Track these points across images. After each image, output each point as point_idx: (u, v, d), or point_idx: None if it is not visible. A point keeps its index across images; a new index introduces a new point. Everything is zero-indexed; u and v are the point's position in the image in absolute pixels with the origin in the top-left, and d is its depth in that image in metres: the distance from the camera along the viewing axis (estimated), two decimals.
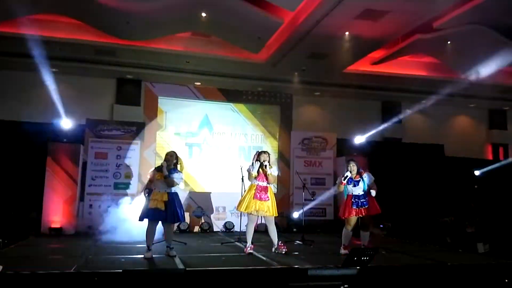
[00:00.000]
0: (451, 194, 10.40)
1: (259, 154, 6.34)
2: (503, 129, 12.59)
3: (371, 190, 6.42)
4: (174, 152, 6.08)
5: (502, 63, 9.70)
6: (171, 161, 5.94)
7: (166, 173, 5.82)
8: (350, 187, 6.40)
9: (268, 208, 6.18)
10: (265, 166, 6.17)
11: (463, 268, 5.57)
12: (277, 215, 6.35)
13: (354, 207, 6.33)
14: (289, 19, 7.66)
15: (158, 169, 5.98)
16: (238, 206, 6.32)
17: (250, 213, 6.18)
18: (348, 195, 6.42)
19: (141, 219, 5.89)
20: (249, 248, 6.23)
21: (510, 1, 6.78)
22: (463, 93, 10.95)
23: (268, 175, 6.18)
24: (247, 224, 6.43)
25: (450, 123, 12.39)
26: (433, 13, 7.06)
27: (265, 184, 6.24)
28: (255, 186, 6.22)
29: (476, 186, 10.90)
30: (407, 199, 10.14)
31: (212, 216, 9.77)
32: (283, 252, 6.23)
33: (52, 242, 7.33)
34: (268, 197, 6.22)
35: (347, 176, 6.38)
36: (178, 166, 6.02)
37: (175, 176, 5.87)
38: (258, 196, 6.16)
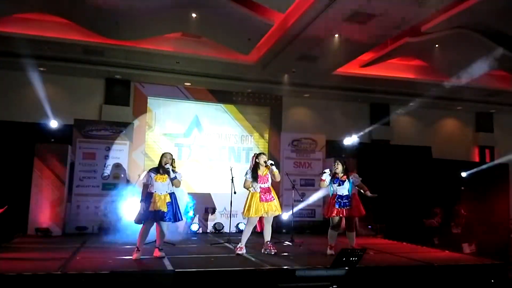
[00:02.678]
0: (438, 195, 10.51)
1: (257, 156, 6.35)
2: (489, 131, 12.77)
3: (367, 192, 6.47)
4: (170, 154, 6.09)
5: (488, 67, 9.87)
6: (170, 162, 5.94)
7: (174, 175, 5.85)
8: (335, 186, 6.41)
9: (276, 207, 6.23)
10: (271, 164, 6.21)
11: (450, 269, 5.64)
12: (281, 212, 6.46)
13: (337, 206, 6.34)
14: (279, 21, 7.69)
15: (155, 170, 5.92)
16: (245, 212, 6.19)
17: (262, 216, 6.20)
18: (332, 194, 6.44)
19: (139, 222, 5.81)
20: (239, 249, 6.22)
21: (495, 6, 6.90)
22: (450, 96, 11.10)
23: (275, 173, 6.22)
24: (246, 225, 6.34)
25: (437, 126, 12.54)
26: (421, 17, 7.14)
27: (266, 185, 6.25)
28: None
29: (463, 188, 11.03)
30: (395, 201, 10.22)
31: (201, 217, 9.74)
32: (272, 253, 6.24)
33: (39, 243, 7.25)
34: (273, 196, 6.25)
35: (325, 172, 6.41)
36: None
37: (177, 176, 5.92)
38: (264, 198, 6.17)
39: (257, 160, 6.30)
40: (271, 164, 6.21)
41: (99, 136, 9.29)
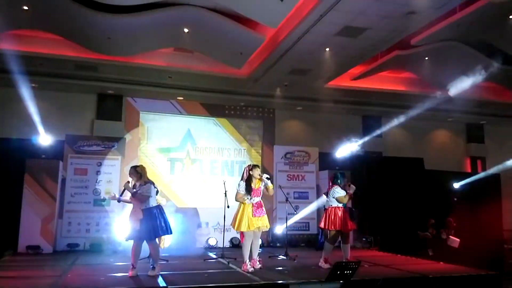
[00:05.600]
0: (431, 207, 10.53)
1: (252, 168, 6.10)
2: (480, 142, 12.90)
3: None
4: (132, 168, 5.88)
5: (478, 78, 10.00)
6: (135, 176, 5.75)
7: (133, 190, 5.63)
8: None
9: (266, 223, 6.04)
10: (267, 178, 5.99)
11: (445, 280, 5.63)
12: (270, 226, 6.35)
13: (353, 220, 6.50)
14: (271, 36, 7.76)
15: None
16: (236, 226, 5.95)
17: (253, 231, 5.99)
18: (347, 207, 6.57)
19: (128, 238, 5.74)
20: (248, 265, 5.93)
21: (483, 18, 7.03)
22: (441, 108, 11.20)
23: (269, 187, 6.03)
24: (244, 241, 6.05)
25: (429, 137, 12.64)
26: (411, 30, 7.25)
27: (259, 199, 6.04)
28: (251, 203, 6.00)
29: (455, 199, 11.05)
30: (389, 212, 10.22)
31: (195, 232, 9.65)
32: (257, 268, 6.07)
33: (29, 261, 7.13)
34: (264, 211, 6.05)
35: (354, 188, 6.55)
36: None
37: (144, 189, 5.65)
38: (257, 213, 5.94)
39: (251, 172, 6.04)
40: (267, 178, 5.98)
41: (90, 151, 9.23)
